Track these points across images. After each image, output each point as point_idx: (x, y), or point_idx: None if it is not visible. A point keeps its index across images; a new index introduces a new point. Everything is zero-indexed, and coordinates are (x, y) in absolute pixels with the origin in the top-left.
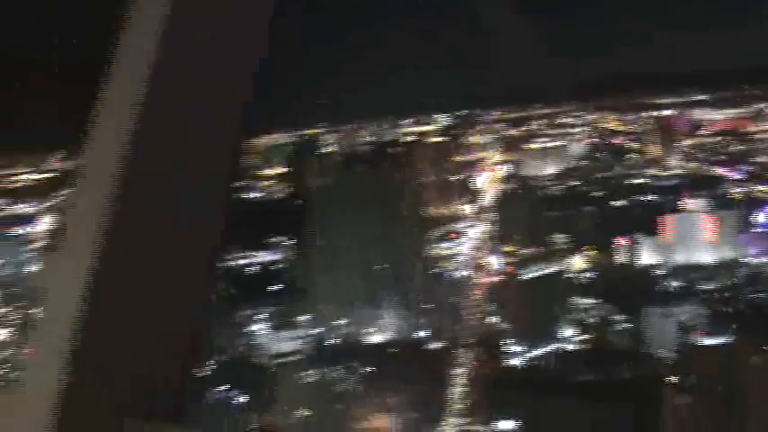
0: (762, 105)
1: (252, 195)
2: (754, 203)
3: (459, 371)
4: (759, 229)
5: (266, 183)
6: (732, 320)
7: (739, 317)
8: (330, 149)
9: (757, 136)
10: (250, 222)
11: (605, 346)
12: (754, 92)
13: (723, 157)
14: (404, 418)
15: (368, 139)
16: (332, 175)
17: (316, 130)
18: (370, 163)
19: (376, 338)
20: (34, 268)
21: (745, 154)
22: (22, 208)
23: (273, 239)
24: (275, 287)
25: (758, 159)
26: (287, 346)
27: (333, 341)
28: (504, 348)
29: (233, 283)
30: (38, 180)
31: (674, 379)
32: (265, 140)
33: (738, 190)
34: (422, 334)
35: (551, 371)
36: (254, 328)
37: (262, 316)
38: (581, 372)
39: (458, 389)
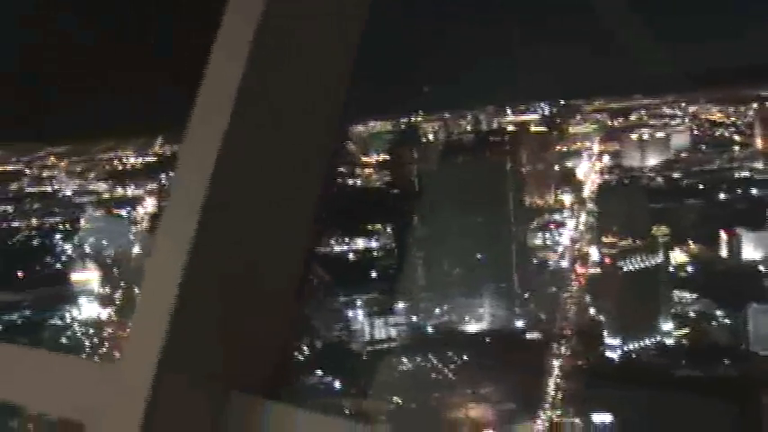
0: None
1: (352, 182)
2: None
3: (556, 362)
4: None
5: (366, 170)
6: None
7: None
8: (431, 138)
9: None
10: (350, 209)
11: (705, 341)
12: None
13: None
14: (499, 409)
15: (469, 127)
16: (432, 164)
17: (416, 118)
18: (471, 152)
19: (473, 328)
20: (137, 249)
21: None
22: (129, 190)
23: (373, 227)
24: (373, 274)
25: None
26: (383, 333)
27: (429, 330)
28: (601, 341)
29: (331, 270)
30: (143, 163)
31: None
32: (366, 128)
33: None
34: (519, 324)
35: (649, 365)
36: (351, 314)
37: (359, 302)
38: (679, 367)
39: (554, 380)
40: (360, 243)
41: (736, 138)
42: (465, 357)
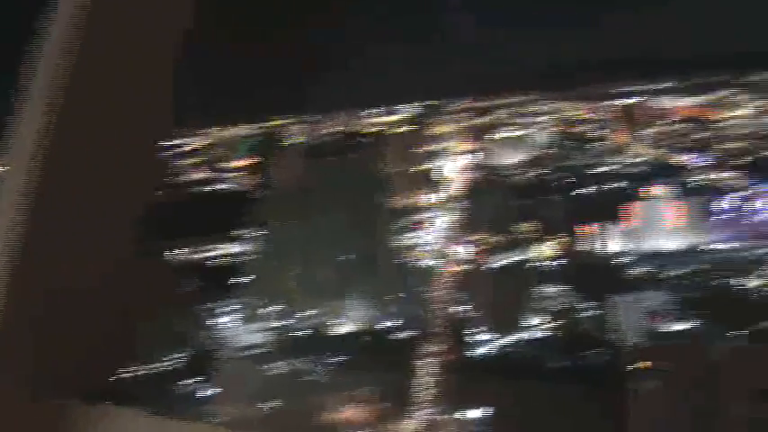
0: (726, 92)
1: (219, 187)
2: (718, 190)
3: (427, 360)
4: (723, 216)
5: (233, 174)
6: (697, 306)
7: (705, 303)
8: (296, 140)
9: (722, 123)
10: (216, 214)
11: (572, 333)
12: (720, 79)
13: (688, 145)
14: (373, 409)
15: (334, 129)
16: (298, 167)
17: (281, 121)
18: (337, 154)
19: (344, 329)
20: None
21: (709, 141)
22: None
23: (240, 231)
24: (242, 279)
25: (723, 146)
26: (255, 338)
27: (301, 332)
28: (472, 337)
29: (200, 276)
30: None
31: (640, 365)
32: (231, 132)
33: (703, 177)
34: (390, 324)
35: (519, 358)
36: (222, 320)
37: (229, 308)
38: (549, 359)
39: (426, 378)
40: (227, 248)
41: (598, 133)
42: (338, 359)
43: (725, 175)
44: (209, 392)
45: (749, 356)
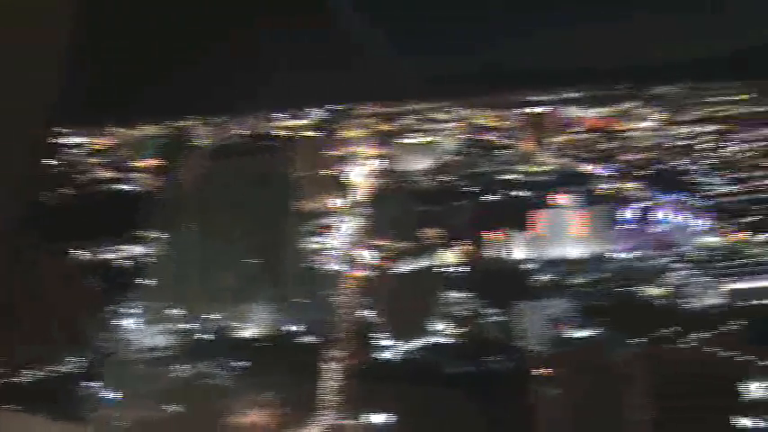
0: (630, 104)
1: (123, 188)
2: (622, 200)
3: (332, 365)
4: (626, 226)
5: (139, 175)
6: (600, 314)
7: (607, 311)
8: (203, 142)
9: (626, 134)
10: (121, 215)
11: (477, 338)
12: (624, 91)
13: (593, 155)
14: (277, 413)
15: (241, 131)
16: (205, 168)
17: (188, 122)
18: (244, 156)
19: (249, 332)
20: None
21: (614, 151)
22: None
23: (144, 233)
24: (146, 281)
25: (626, 157)
26: (158, 341)
27: (205, 335)
28: (377, 342)
29: (103, 277)
30: None
31: (543, 371)
32: (138, 132)
33: (607, 187)
34: (295, 328)
35: (423, 363)
36: (125, 322)
37: (132, 310)
38: (453, 364)
39: (331, 382)
40: (131, 249)
41: (505, 141)
42: (242, 363)
43: (629, 185)
44: (111, 395)
45: (649, 362)
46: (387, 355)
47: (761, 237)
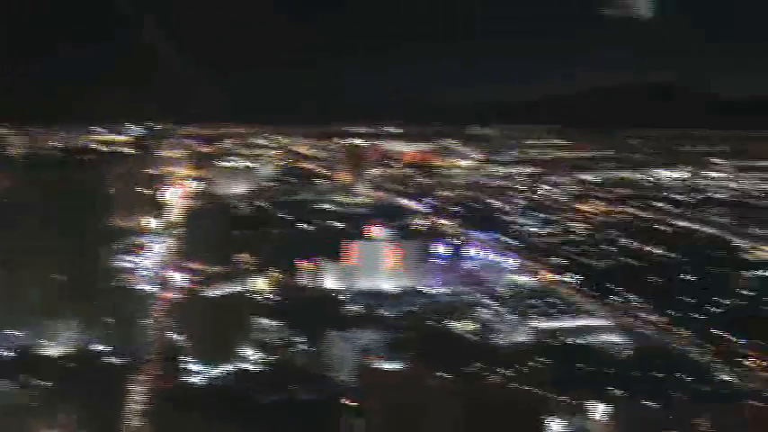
0: (449, 142)
1: None
2: (435, 235)
3: (138, 387)
4: (439, 261)
5: None
6: (409, 346)
7: (416, 343)
8: (14, 152)
9: (443, 171)
10: None
11: (286, 367)
12: (443, 128)
13: (409, 189)
14: None
15: (57, 144)
16: (14, 179)
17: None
18: (57, 169)
19: (53, 351)
20: None
21: (429, 187)
22: None
23: None
24: None
25: (442, 193)
26: None
27: (5, 353)
28: (184, 366)
29: None
30: None
31: (352, 401)
32: None
33: (422, 222)
34: (101, 348)
35: (231, 390)
36: None
37: None
38: (261, 392)
39: (136, 406)
40: None
41: (323, 171)
42: (44, 383)
43: (443, 221)
44: None
45: (456, 396)
46: (194, 379)
47: (568, 278)
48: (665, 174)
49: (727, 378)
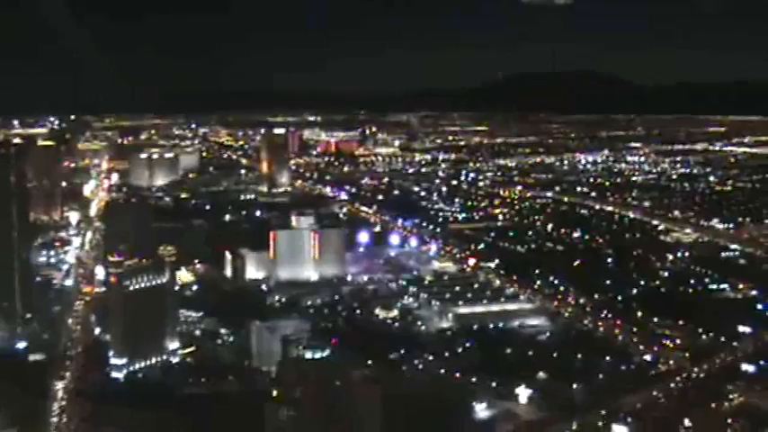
0: (370, 130)
1: None
2: (356, 223)
3: (61, 383)
4: (360, 248)
5: None
6: (333, 335)
7: (340, 332)
8: None
9: (363, 159)
10: None
11: (210, 359)
12: (364, 116)
13: (331, 178)
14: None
15: None
16: None
17: None
18: None
19: None
20: None
21: (351, 175)
22: None
23: None
24: None
25: (363, 181)
26: None
27: None
28: (107, 360)
29: None
30: None
31: (276, 391)
32: None
33: (343, 210)
34: (22, 345)
35: (155, 383)
36: None
37: None
38: (185, 384)
39: (59, 402)
40: None
41: (244, 161)
42: None
43: (365, 209)
44: None
45: (380, 383)
46: (118, 374)
47: (490, 263)
48: (584, 158)
49: (647, 358)
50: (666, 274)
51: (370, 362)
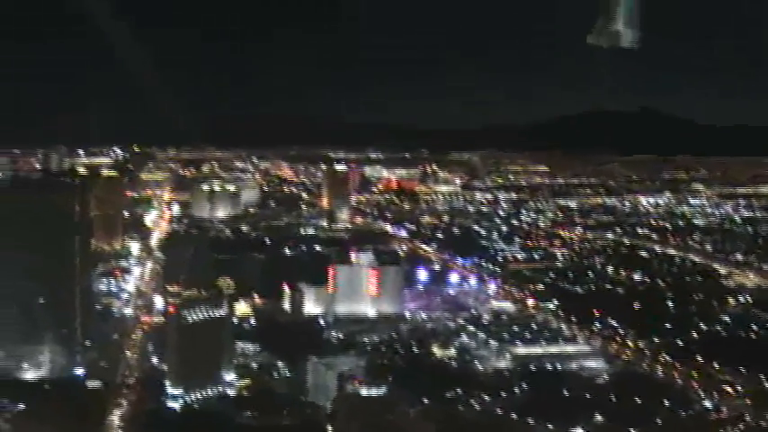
0: (430, 168)
1: None
2: (416, 261)
3: (117, 411)
4: (419, 286)
5: None
6: (390, 372)
7: (397, 369)
8: None
9: (423, 197)
10: None
11: (266, 392)
12: (425, 154)
13: (391, 215)
14: None
15: (38, 166)
16: None
17: None
18: (39, 191)
19: (32, 375)
20: None
21: (410, 213)
22: None
23: None
24: None
25: (422, 219)
26: None
27: None
28: (164, 390)
29: None
30: None
31: (331, 427)
32: None
33: (402, 247)
34: (81, 372)
35: (210, 414)
36: None
37: None
38: (240, 416)
39: (116, 430)
40: None
41: (305, 196)
42: (22, 406)
43: (424, 247)
44: None
45: (437, 422)
46: (174, 404)
47: (549, 304)
48: (644, 200)
49: (707, 404)
50: (727, 318)
51: (425, 400)
